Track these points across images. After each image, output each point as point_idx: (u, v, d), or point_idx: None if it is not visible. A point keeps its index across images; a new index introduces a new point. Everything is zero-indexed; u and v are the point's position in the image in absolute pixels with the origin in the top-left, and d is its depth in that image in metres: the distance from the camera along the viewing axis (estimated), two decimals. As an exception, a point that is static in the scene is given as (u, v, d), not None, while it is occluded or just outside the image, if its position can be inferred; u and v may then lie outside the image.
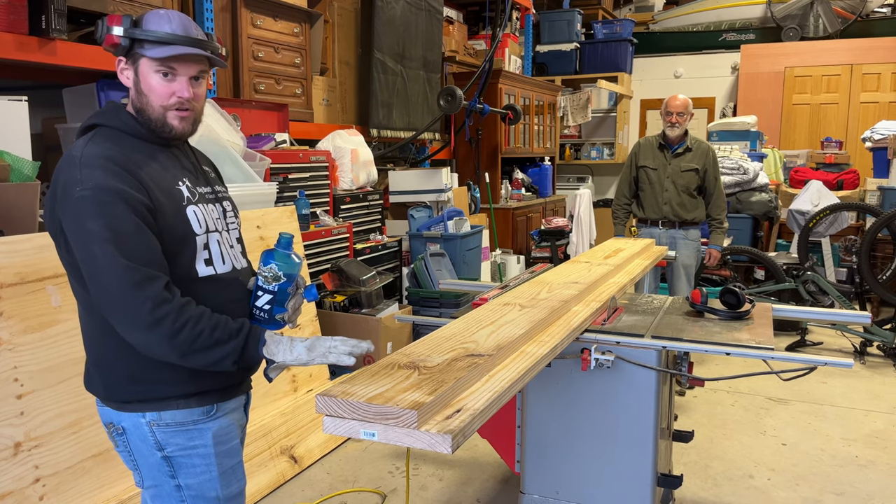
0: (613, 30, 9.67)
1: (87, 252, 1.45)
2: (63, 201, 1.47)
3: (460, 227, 5.50)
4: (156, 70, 1.58)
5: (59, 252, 1.57)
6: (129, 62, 1.60)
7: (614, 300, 2.73)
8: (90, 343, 1.62)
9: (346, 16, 5.60)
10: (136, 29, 1.56)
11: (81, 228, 1.45)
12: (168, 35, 1.56)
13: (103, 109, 1.65)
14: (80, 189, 1.45)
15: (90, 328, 1.61)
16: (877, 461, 3.59)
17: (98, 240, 1.44)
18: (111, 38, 1.55)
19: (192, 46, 1.58)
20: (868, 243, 5.43)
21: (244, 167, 3.74)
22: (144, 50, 1.57)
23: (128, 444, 1.63)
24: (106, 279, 1.45)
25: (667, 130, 4.62)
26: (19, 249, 2.51)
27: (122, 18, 1.55)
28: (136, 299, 1.45)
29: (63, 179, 1.50)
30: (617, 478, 2.49)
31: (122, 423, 1.62)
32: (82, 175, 1.47)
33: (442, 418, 1.49)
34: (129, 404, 1.60)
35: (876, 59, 8.85)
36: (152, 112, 1.60)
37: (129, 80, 1.62)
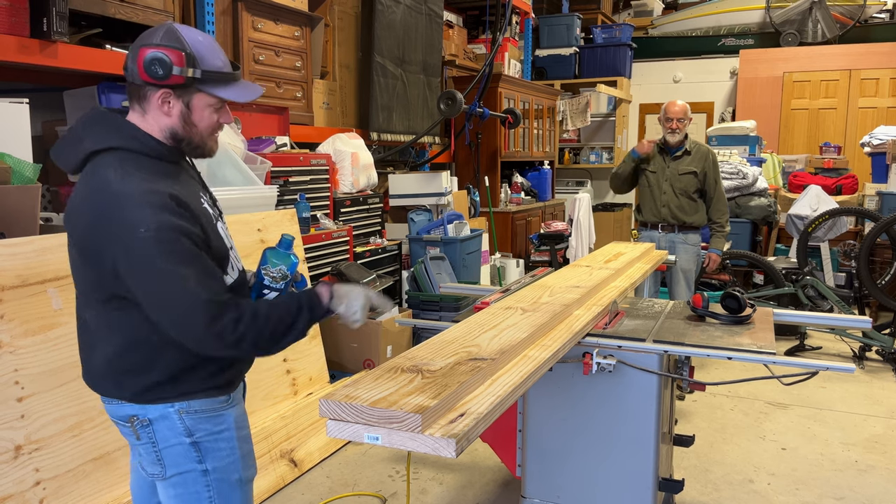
0: (612, 34, 9.70)
1: (160, 287, 1.52)
2: (119, 241, 1.51)
3: (460, 231, 5.50)
4: (210, 105, 1.65)
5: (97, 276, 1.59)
6: (177, 95, 1.61)
7: (615, 304, 2.73)
8: (136, 349, 1.63)
9: (347, 19, 5.61)
10: (198, 67, 1.59)
11: (151, 267, 1.50)
12: (229, 74, 1.64)
13: (113, 128, 1.62)
14: (143, 231, 1.49)
15: (137, 337, 1.62)
16: (876, 466, 3.59)
17: (171, 278, 1.51)
18: (179, 78, 1.57)
19: (241, 80, 1.68)
20: (867, 248, 5.44)
21: (245, 170, 3.74)
22: (205, 87, 1.62)
23: (153, 435, 1.67)
24: (185, 316, 1.53)
25: (667, 136, 4.62)
26: (20, 252, 2.51)
27: (181, 55, 1.56)
28: (216, 328, 1.53)
29: (114, 215, 1.51)
30: (618, 482, 2.49)
31: (149, 415, 1.66)
32: (140, 216, 1.50)
33: (446, 422, 1.48)
34: (158, 398, 1.65)
35: (874, 65, 8.87)
36: (197, 138, 1.67)
37: (172, 111, 1.63)
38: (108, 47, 3.52)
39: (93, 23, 3.51)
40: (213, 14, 4.14)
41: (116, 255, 1.52)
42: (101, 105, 3.62)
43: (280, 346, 1.65)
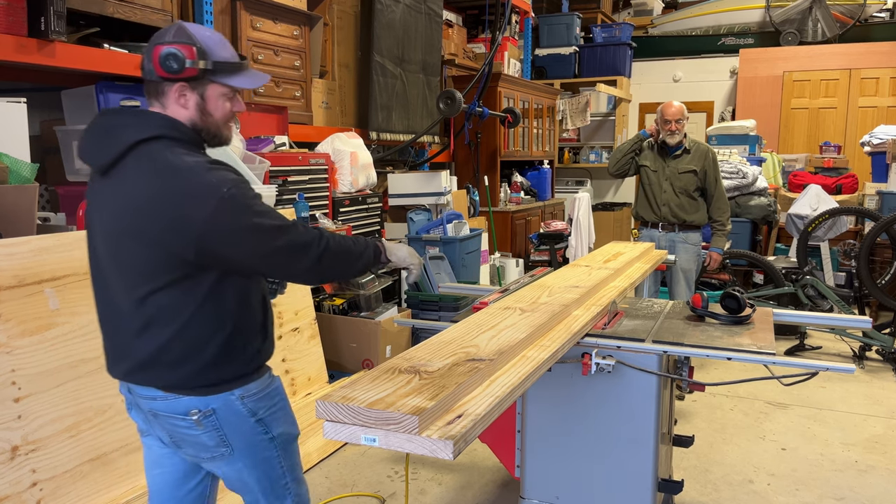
0: (612, 33, 9.69)
1: (255, 230, 1.64)
2: (205, 206, 1.60)
3: (459, 231, 5.49)
4: (223, 94, 1.76)
5: (165, 258, 1.65)
6: (192, 88, 1.72)
7: (615, 304, 2.72)
8: (194, 333, 1.71)
9: (346, 19, 5.60)
10: (208, 59, 1.70)
11: (245, 215, 1.63)
12: (237, 63, 1.76)
13: (151, 120, 1.71)
14: (226, 189, 1.61)
15: (198, 319, 1.71)
16: (876, 466, 3.59)
17: (259, 216, 1.65)
18: (193, 70, 1.68)
19: (248, 69, 1.80)
20: (867, 247, 5.43)
21: (243, 169, 3.73)
22: (219, 77, 1.73)
23: (217, 423, 1.77)
24: (275, 238, 1.67)
25: (667, 138, 4.61)
26: (17, 252, 2.50)
27: (192, 49, 1.68)
28: (294, 235, 1.70)
29: (194, 187, 1.62)
30: (617, 483, 2.48)
31: (212, 405, 1.75)
32: (217, 178, 1.63)
33: (443, 424, 1.47)
34: (216, 387, 1.75)
35: (874, 64, 8.86)
36: (213, 127, 1.78)
37: (188, 103, 1.73)
38: (107, 46, 3.51)
39: (91, 22, 3.50)
40: (212, 13, 4.14)
41: (204, 219, 1.60)
42: (100, 104, 3.62)
43: (339, 271, 1.83)
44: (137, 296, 1.69)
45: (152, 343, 1.70)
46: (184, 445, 1.82)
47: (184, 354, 1.71)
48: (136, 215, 1.64)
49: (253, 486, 1.87)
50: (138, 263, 1.67)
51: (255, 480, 1.87)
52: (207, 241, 1.62)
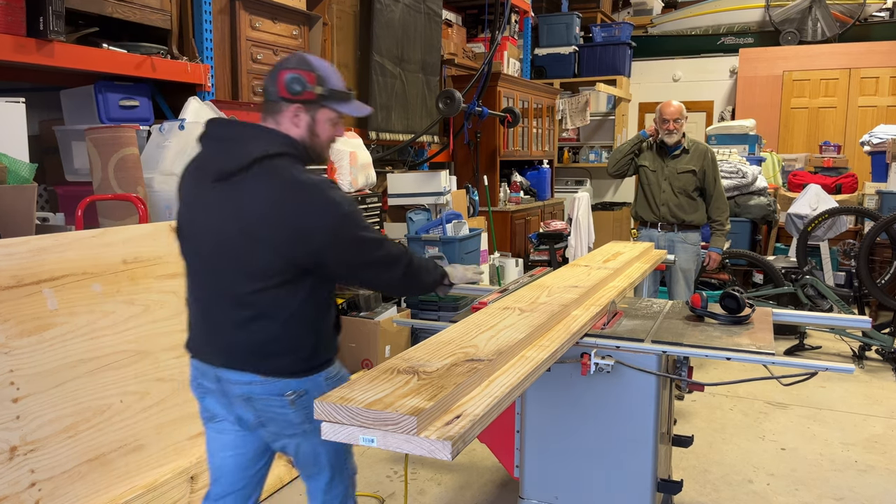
0: (612, 33, 9.68)
1: (361, 244, 1.90)
2: (328, 218, 1.84)
3: (459, 230, 5.48)
4: (330, 118, 1.98)
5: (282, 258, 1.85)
6: (306, 110, 1.94)
7: (614, 304, 2.72)
8: (299, 325, 1.93)
9: (345, 18, 5.60)
10: (325, 86, 1.94)
11: (356, 231, 1.89)
12: (346, 93, 2.00)
13: (277, 138, 1.92)
14: (346, 207, 1.87)
15: (302, 313, 1.92)
16: (876, 466, 3.58)
17: (364, 233, 1.91)
18: (311, 94, 1.92)
19: (354, 100, 2.03)
20: (866, 247, 5.43)
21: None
22: (330, 103, 1.96)
23: (307, 402, 1.95)
24: (372, 251, 1.93)
25: (665, 138, 4.61)
26: (15, 252, 2.50)
27: (313, 76, 1.92)
28: (388, 250, 1.97)
29: (322, 202, 1.84)
30: (617, 483, 2.48)
31: (305, 387, 1.95)
32: (338, 197, 1.87)
33: (441, 424, 1.47)
34: (310, 371, 1.97)
35: (874, 63, 8.86)
36: (319, 147, 2.00)
37: (300, 123, 1.95)
38: (106, 46, 3.51)
39: (90, 22, 3.50)
40: (211, 13, 4.13)
41: (321, 234, 1.83)
42: (99, 104, 3.62)
43: (415, 286, 2.15)
44: (247, 291, 1.87)
45: (260, 335, 1.90)
46: (269, 424, 2.00)
47: (288, 345, 1.92)
48: (260, 221, 1.82)
49: (324, 460, 2.08)
50: (253, 263, 1.85)
51: (326, 455, 2.07)
52: (324, 252, 1.86)
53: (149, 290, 2.94)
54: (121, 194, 3.24)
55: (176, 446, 2.89)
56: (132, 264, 2.90)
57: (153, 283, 2.96)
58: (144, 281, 2.93)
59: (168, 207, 3.50)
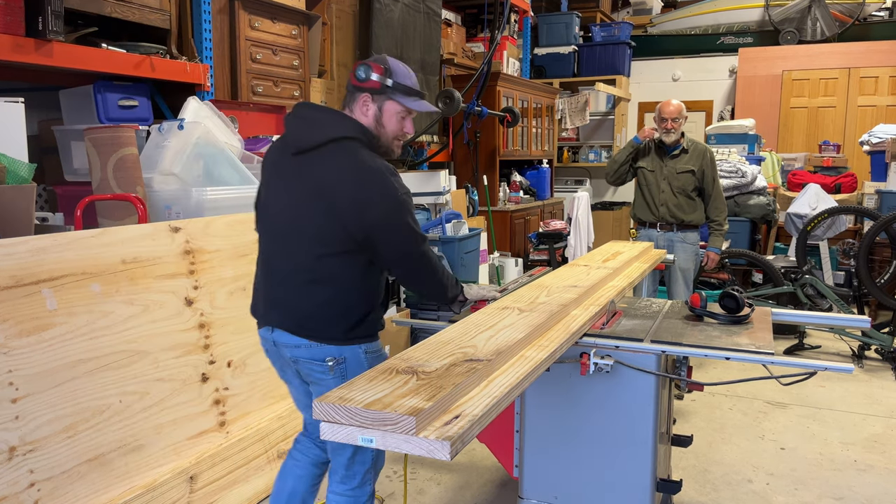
0: (611, 32, 9.68)
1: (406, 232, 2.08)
2: (384, 199, 2.04)
3: (458, 230, 5.48)
4: (399, 112, 2.16)
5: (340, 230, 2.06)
6: (375, 99, 2.14)
7: (613, 304, 2.72)
8: (345, 302, 2.12)
9: (345, 18, 5.60)
10: (391, 78, 2.13)
11: (403, 219, 2.07)
12: (414, 90, 2.18)
13: (351, 124, 2.13)
14: (402, 193, 2.06)
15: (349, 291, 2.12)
16: (875, 465, 3.58)
17: (412, 224, 2.09)
18: (374, 82, 2.11)
19: (427, 103, 2.21)
20: (866, 247, 5.43)
21: (242, 169, 3.72)
22: (397, 96, 2.13)
23: (345, 370, 2.15)
24: (415, 246, 2.11)
25: (663, 136, 4.61)
26: (14, 252, 2.50)
27: (381, 68, 2.12)
28: (425, 248, 2.14)
29: (381, 183, 2.04)
30: (616, 483, 2.48)
31: (344, 355, 2.15)
32: (397, 183, 2.06)
33: (440, 424, 1.47)
34: (351, 341, 2.15)
35: (873, 63, 8.86)
36: (385, 139, 2.18)
37: (368, 112, 2.15)
38: (105, 46, 3.51)
39: (89, 21, 3.49)
40: (210, 13, 4.13)
41: (379, 209, 2.03)
42: (98, 104, 3.62)
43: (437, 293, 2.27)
44: (309, 256, 2.09)
45: (314, 298, 2.11)
46: (313, 387, 2.22)
47: (338, 313, 2.11)
48: (330, 193, 2.04)
49: None
50: (319, 229, 2.07)
51: None
52: (375, 230, 2.04)
53: (148, 290, 2.94)
54: (120, 194, 3.24)
55: (175, 446, 2.89)
56: (131, 264, 2.90)
57: (152, 283, 2.96)
58: (143, 281, 2.93)
59: (168, 207, 3.50)
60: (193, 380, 3.05)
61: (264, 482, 3.23)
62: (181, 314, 3.06)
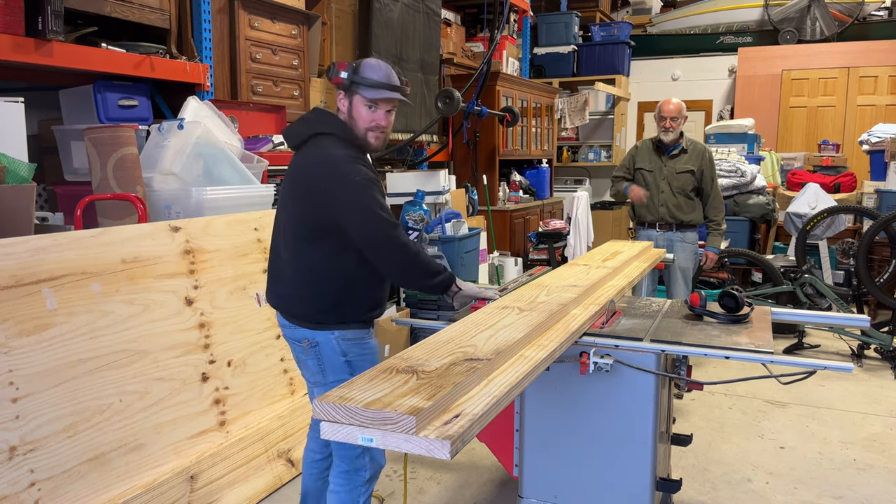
0: (611, 32, 9.68)
1: (367, 214, 2.20)
2: (340, 185, 2.20)
3: (458, 230, 5.49)
4: (364, 104, 2.31)
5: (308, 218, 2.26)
6: (346, 95, 2.33)
7: (613, 303, 2.72)
8: (314, 286, 2.29)
9: (344, 18, 5.60)
10: (356, 74, 2.29)
11: (362, 202, 2.20)
12: (377, 82, 2.30)
13: (330, 120, 2.35)
14: (355, 178, 2.21)
15: (321, 271, 2.28)
16: (875, 464, 3.59)
17: (374, 207, 2.21)
18: (339, 79, 2.30)
19: (390, 91, 2.32)
20: (865, 246, 5.43)
21: (241, 169, 3.73)
22: (360, 89, 2.30)
23: (319, 353, 2.34)
24: (379, 227, 2.22)
25: (661, 135, 4.61)
26: (14, 252, 2.50)
27: (347, 65, 2.30)
28: (393, 232, 2.24)
29: (336, 170, 2.23)
30: (616, 482, 2.48)
31: (317, 339, 2.32)
32: (352, 169, 2.22)
33: (440, 424, 1.48)
34: (322, 325, 2.31)
35: (872, 62, 8.86)
36: (359, 131, 2.34)
37: (344, 107, 2.35)
38: (104, 46, 3.51)
39: (88, 21, 3.50)
40: (210, 12, 4.13)
41: (337, 194, 2.20)
42: (98, 103, 3.62)
43: (415, 278, 2.33)
44: (290, 243, 2.31)
45: (295, 282, 2.32)
46: (301, 367, 2.44)
47: (308, 295, 2.29)
48: (301, 183, 2.28)
49: None
50: (295, 218, 2.29)
51: None
52: (338, 214, 2.20)
53: (148, 289, 2.94)
54: (120, 194, 3.24)
55: (175, 446, 2.89)
56: (131, 264, 2.90)
57: (152, 282, 2.96)
58: (144, 280, 2.93)
59: (168, 207, 3.50)
60: (193, 379, 3.05)
61: (264, 481, 3.23)
62: (181, 314, 3.06)
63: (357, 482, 2.39)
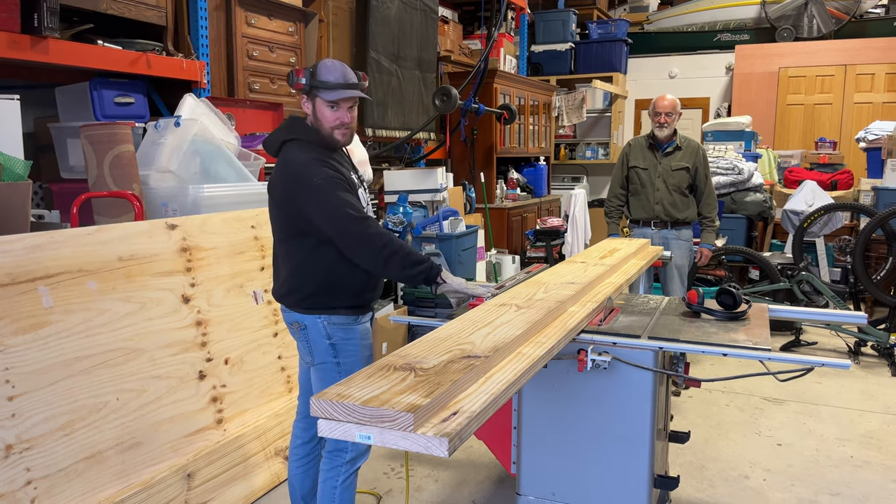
0: (608, 30, 9.67)
1: (332, 212, 2.32)
2: (302, 189, 2.33)
3: (455, 227, 5.48)
4: (326, 105, 2.41)
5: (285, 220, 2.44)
6: (308, 99, 2.44)
7: (610, 301, 2.72)
8: (299, 277, 2.46)
9: (341, 15, 5.58)
10: (314, 79, 2.39)
11: (323, 199, 2.32)
12: (334, 83, 2.39)
13: (297, 126, 2.48)
14: (316, 180, 2.32)
15: (304, 264, 2.44)
16: (872, 461, 3.60)
17: (337, 204, 2.32)
18: (299, 85, 2.40)
19: (349, 90, 2.40)
20: (862, 243, 5.44)
21: (238, 167, 3.72)
22: (320, 92, 2.39)
23: (307, 336, 2.49)
24: (345, 224, 2.32)
25: (655, 131, 4.61)
26: (10, 250, 2.49)
27: (304, 71, 2.39)
28: (359, 226, 2.33)
29: (298, 174, 2.35)
30: (613, 479, 2.48)
31: (304, 322, 2.48)
32: (313, 171, 2.34)
33: (438, 421, 1.47)
34: (309, 310, 2.46)
35: (869, 60, 8.86)
36: (324, 131, 2.45)
37: (308, 110, 2.45)
38: (101, 43, 3.49)
39: (84, 18, 3.48)
40: (206, 9, 4.12)
41: (302, 198, 2.34)
42: (94, 101, 3.61)
43: (393, 268, 2.37)
44: (276, 241, 2.53)
45: (283, 273, 2.51)
46: (299, 349, 2.59)
47: (295, 284, 2.47)
48: (277, 190, 2.42)
49: None
50: (279, 221, 2.47)
51: None
52: (304, 211, 2.34)
53: (145, 287, 2.93)
54: (116, 192, 3.23)
55: (172, 444, 2.89)
56: (128, 262, 2.89)
57: (149, 280, 2.96)
58: (140, 278, 2.92)
59: (164, 205, 3.49)
60: (191, 377, 3.05)
61: (262, 479, 3.23)
62: (178, 311, 3.06)
63: (337, 462, 2.53)
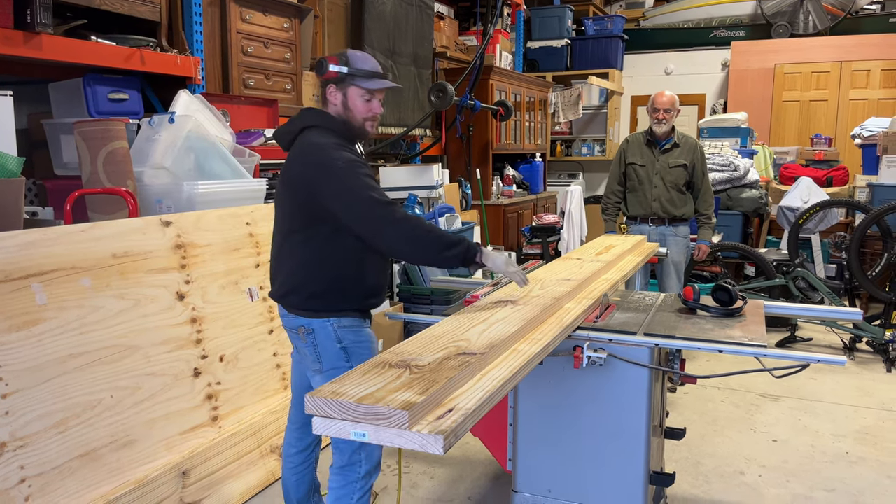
0: (604, 26, 9.66)
1: (357, 195, 2.19)
2: (325, 172, 2.21)
3: (451, 224, 5.48)
4: (362, 95, 2.33)
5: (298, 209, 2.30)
6: (338, 88, 2.33)
7: (606, 297, 2.72)
8: (306, 273, 2.32)
9: (337, 11, 5.56)
10: (349, 66, 2.29)
11: (349, 184, 2.19)
12: (372, 72, 2.33)
13: (315, 115, 2.37)
14: (339, 163, 2.21)
15: (312, 259, 2.31)
16: (867, 457, 3.60)
17: (363, 187, 2.20)
18: (332, 73, 2.30)
19: (385, 80, 2.35)
20: (857, 240, 5.44)
21: (233, 163, 3.70)
22: (356, 81, 2.31)
23: (314, 340, 2.35)
24: (373, 207, 2.19)
25: (654, 127, 4.61)
26: (3, 247, 2.47)
27: (337, 58, 2.30)
28: (387, 209, 2.20)
29: (320, 158, 2.23)
30: (609, 476, 2.48)
31: (312, 326, 2.33)
32: (336, 155, 2.23)
33: (433, 418, 1.47)
34: (317, 312, 2.32)
35: (865, 56, 8.88)
36: (355, 122, 2.36)
37: (336, 99, 2.35)
38: (94, 39, 3.47)
39: (78, 14, 3.46)
40: (201, 5, 4.09)
41: (322, 182, 2.21)
42: (87, 97, 3.59)
43: (428, 253, 2.24)
44: (283, 232, 2.36)
45: (285, 270, 2.37)
46: (301, 356, 2.43)
47: (301, 282, 2.32)
48: (291, 174, 2.30)
49: None
50: (285, 210, 2.35)
51: None
52: (329, 200, 2.20)
53: (139, 284, 2.92)
54: (110, 188, 3.21)
55: (167, 441, 2.88)
56: (122, 259, 2.88)
57: (143, 277, 2.94)
58: (135, 275, 2.91)
59: (159, 201, 3.48)
60: (185, 374, 3.04)
61: (256, 477, 3.22)
62: (173, 308, 3.04)
63: (351, 477, 2.37)
